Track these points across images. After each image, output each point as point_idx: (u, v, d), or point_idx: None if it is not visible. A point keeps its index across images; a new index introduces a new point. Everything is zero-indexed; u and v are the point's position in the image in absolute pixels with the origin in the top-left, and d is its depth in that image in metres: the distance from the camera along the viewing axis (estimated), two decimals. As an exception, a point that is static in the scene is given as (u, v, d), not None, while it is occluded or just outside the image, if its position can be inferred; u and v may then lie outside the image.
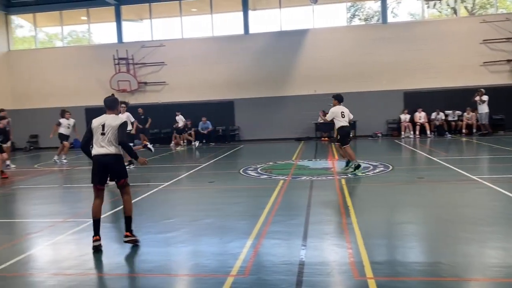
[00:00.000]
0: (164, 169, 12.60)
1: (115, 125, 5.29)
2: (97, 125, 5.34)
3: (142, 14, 22.54)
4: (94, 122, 5.40)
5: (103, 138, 5.26)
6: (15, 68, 22.63)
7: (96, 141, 5.31)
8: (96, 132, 5.31)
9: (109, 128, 5.27)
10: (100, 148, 5.26)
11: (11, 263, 4.89)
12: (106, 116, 5.44)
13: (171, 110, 21.26)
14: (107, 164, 5.29)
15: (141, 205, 7.81)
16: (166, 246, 5.37)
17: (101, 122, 5.33)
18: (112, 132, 5.27)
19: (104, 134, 5.26)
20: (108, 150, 5.25)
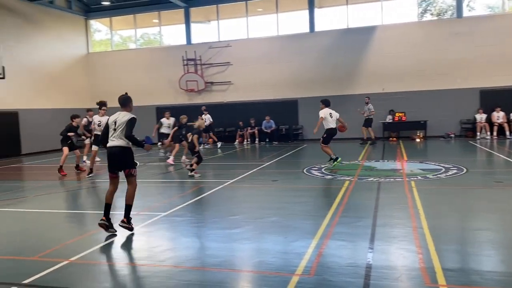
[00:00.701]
0: (228, 167, 12.86)
1: (124, 121, 5.82)
2: (112, 121, 5.94)
3: (209, 15, 23.14)
4: (110, 118, 6.01)
5: (114, 132, 5.86)
6: (93, 69, 24.22)
7: (110, 135, 5.92)
8: (110, 127, 5.94)
9: (119, 124, 5.84)
10: (111, 141, 5.88)
11: (90, 251, 5.25)
12: (119, 113, 6.01)
13: (236, 110, 21.66)
14: (116, 154, 5.85)
15: (207, 201, 8.04)
16: (232, 242, 5.48)
17: (115, 118, 5.94)
18: (122, 127, 5.82)
19: (115, 129, 5.86)
20: (117, 142, 5.82)
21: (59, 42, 22.24)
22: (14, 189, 10.57)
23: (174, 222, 6.55)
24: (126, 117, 5.90)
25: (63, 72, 22.27)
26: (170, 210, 7.16)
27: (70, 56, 23.09)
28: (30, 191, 10.39)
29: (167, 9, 22.91)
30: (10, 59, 16.82)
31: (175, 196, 8.71)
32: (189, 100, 22.70)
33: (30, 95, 19.82)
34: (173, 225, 6.42)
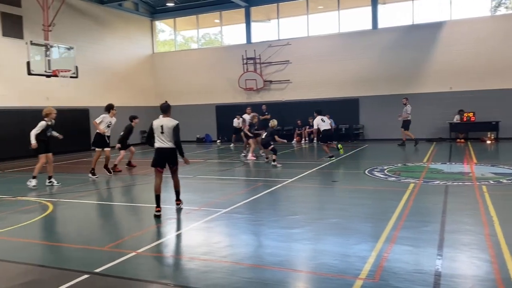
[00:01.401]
0: (286, 166, 12.80)
1: (170, 126, 6.88)
2: (157, 126, 6.92)
3: (270, 14, 23.20)
4: (154, 123, 6.98)
5: (162, 136, 6.86)
6: (157, 68, 25.16)
7: (157, 138, 6.90)
8: (156, 131, 6.90)
9: (166, 129, 6.86)
10: (161, 143, 6.89)
11: (155, 244, 5.44)
12: (162, 118, 7.00)
13: (294, 108, 21.57)
14: (166, 153, 6.91)
15: (266, 199, 8.05)
16: (292, 242, 5.43)
17: (160, 123, 6.91)
18: (168, 131, 6.84)
19: (163, 132, 6.86)
20: (167, 144, 6.89)
21: (126, 42, 23.33)
22: (84, 181, 11.22)
23: (234, 219, 6.62)
24: (172, 123, 6.90)
25: (129, 71, 23.34)
26: (230, 207, 7.25)
27: (136, 56, 24.14)
28: (99, 184, 10.97)
29: (228, 9, 23.27)
30: (82, 59, 17.88)
31: (235, 193, 8.81)
32: (248, 99, 22.91)
33: (99, 93, 20.96)
34: (233, 222, 6.49)
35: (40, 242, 5.73)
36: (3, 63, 16.64)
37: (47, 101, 17.89)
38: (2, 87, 16.71)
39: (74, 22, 19.73)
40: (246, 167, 12.80)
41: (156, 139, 6.95)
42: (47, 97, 18.02)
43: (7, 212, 7.61)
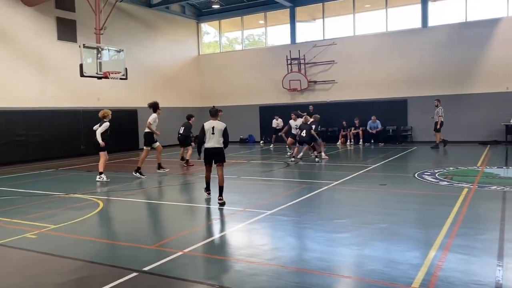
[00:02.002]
0: (332, 168, 12.58)
1: (220, 128, 7.81)
2: (209, 127, 7.83)
3: (315, 14, 22.94)
4: (206, 125, 7.88)
5: (213, 137, 7.78)
6: (203, 70, 25.53)
7: (208, 138, 7.82)
8: (208, 132, 7.81)
9: (217, 130, 7.77)
10: (211, 143, 7.82)
11: (201, 244, 5.45)
12: (213, 121, 7.90)
13: (339, 109, 21.21)
14: (214, 153, 7.86)
15: (312, 202, 7.91)
16: (339, 247, 5.28)
17: (211, 125, 7.84)
18: (218, 132, 7.77)
19: (213, 133, 7.77)
20: (216, 144, 7.82)
21: (173, 45, 23.83)
22: (133, 180, 11.51)
23: (280, 221, 6.54)
24: (221, 126, 7.86)
25: (176, 73, 23.83)
26: (275, 209, 7.18)
27: (182, 58, 24.61)
28: (147, 183, 11.22)
29: (273, 9, 23.23)
30: (131, 61, 18.42)
31: (280, 195, 8.73)
32: (292, 100, 22.77)
33: (147, 94, 21.50)
34: (279, 224, 6.41)
35: (91, 239, 5.90)
36: (57, 65, 17.44)
37: (98, 101, 18.59)
38: (56, 88, 17.52)
39: (124, 25, 20.38)
40: (290, 169, 12.68)
41: (206, 140, 7.89)
42: (98, 98, 18.71)
43: (60, 208, 7.92)
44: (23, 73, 16.32)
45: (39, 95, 16.87)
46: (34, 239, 5.91)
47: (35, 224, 6.63)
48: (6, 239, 5.86)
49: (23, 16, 16.40)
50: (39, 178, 12.30)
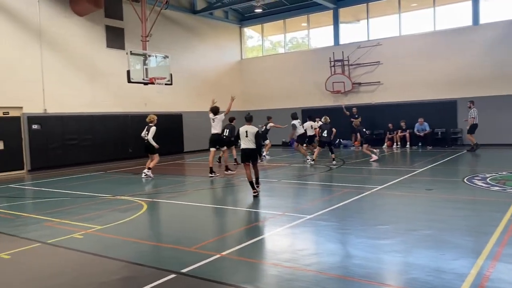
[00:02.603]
0: (376, 172, 12.26)
1: (252, 132, 8.99)
2: (243, 132, 9.07)
3: (359, 15, 22.54)
4: (241, 129, 9.17)
5: (247, 139, 8.98)
6: (245, 74, 25.73)
7: (242, 140, 9.06)
8: (242, 135, 9.06)
9: (250, 134, 8.96)
10: (245, 145, 9.04)
11: (240, 247, 5.47)
12: (246, 126, 9.12)
13: (385, 111, 20.68)
14: (249, 153, 9.04)
15: (353, 207, 7.74)
16: (380, 253, 5.12)
17: (245, 129, 9.04)
18: (251, 136, 8.95)
19: (247, 137, 8.97)
20: (251, 146, 8.99)
21: (216, 50, 24.19)
22: (177, 183, 11.77)
23: (319, 226, 6.44)
24: (254, 130, 9.03)
25: (219, 77, 24.16)
26: (315, 214, 7.08)
27: (226, 63, 24.92)
28: (190, 185, 11.44)
29: (315, 11, 23.04)
30: (176, 67, 18.88)
31: (320, 199, 8.61)
32: (335, 102, 22.45)
33: (191, 99, 21.98)
34: (318, 229, 6.32)
35: (134, 240, 6.07)
36: (106, 72, 18.18)
37: (145, 107, 19.18)
38: (105, 94, 18.25)
39: (169, 32, 20.93)
40: (332, 172, 12.49)
41: (242, 142, 9.11)
42: (145, 103, 19.30)
43: (107, 210, 8.22)
44: (75, 80, 17.14)
45: (90, 101, 17.65)
46: (81, 239, 6.17)
47: (83, 225, 6.92)
48: (56, 238, 6.15)
49: (75, 25, 17.24)
50: (89, 180, 12.85)
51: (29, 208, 9.14)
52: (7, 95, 14.97)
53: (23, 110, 15.54)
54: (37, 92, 15.92)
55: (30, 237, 6.32)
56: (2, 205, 9.27)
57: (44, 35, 16.16)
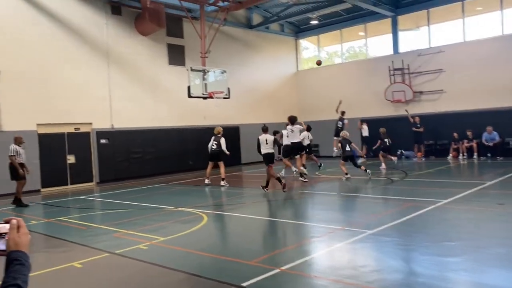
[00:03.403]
0: (441, 185, 11.70)
1: (271, 140, 11.80)
2: (263, 139, 11.76)
3: (419, 21, 21.83)
4: (261, 138, 11.82)
5: (267, 145, 11.67)
6: (301, 86, 25.71)
7: (263, 146, 11.68)
8: (262, 143, 11.71)
9: (269, 141, 11.73)
10: (266, 150, 11.66)
11: (299, 262, 5.43)
12: (264, 135, 11.87)
13: (449, 120, 19.74)
14: (269, 156, 11.60)
15: (417, 222, 7.43)
16: (447, 272, 4.88)
17: (264, 138, 11.80)
18: (270, 142, 11.73)
19: (267, 143, 11.68)
20: (270, 151, 11.69)
21: (272, 62, 24.43)
22: (235, 195, 11.95)
23: (381, 242, 6.25)
24: (271, 138, 11.92)
25: (274, 89, 24.34)
26: (377, 229, 6.88)
27: (281, 75, 25.08)
28: (249, 197, 11.56)
29: (373, 20, 22.63)
30: (233, 81, 19.27)
31: (382, 213, 8.36)
32: (395, 112, 21.78)
33: (247, 112, 22.30)
34: (380, 245, 6.13)
35: (195, 252, 6.23)
36: (168, 88, 18.95)
37: (204, 120, 19.74)
38: (167, 109, 19.00)
39: (226, 47, 21.47)
40: (393, 185, 12.09)
41: (262, 147, 11.68)
42: (204, 117, 19.86)
43: (169, 221, 8.52)
44: (139, 96, 18.03)
45: (153, 116, 18.47)
46: (145, 250, 6.44)
47: (147, 236, 7.22)
48: (123, 249, 6.46)
49: (140, 45, 18.19)
50: (152, 192, 13.39)
51: (99, 219, 9.69)
52: (78, 112, 16.05)
53: (92, 125, 16.56)
54: (105, 109, 16.92)
55: (99, 247, 6.69)
56: (75, 216, 9.90)
57: (111, 55, 17.20)
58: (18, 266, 1.40)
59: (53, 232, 8.21)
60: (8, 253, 1.43)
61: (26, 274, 1.41)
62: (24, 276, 1.39)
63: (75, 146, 16.01)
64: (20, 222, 1.49)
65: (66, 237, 7.58)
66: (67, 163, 15.75)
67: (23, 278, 1.38)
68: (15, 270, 1.39)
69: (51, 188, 15.12)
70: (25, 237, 1.49)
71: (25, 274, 1.40)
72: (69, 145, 15.86)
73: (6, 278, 1.36)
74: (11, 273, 1.37)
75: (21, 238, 1.46)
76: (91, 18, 16.63)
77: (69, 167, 15.82)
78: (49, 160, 15.17)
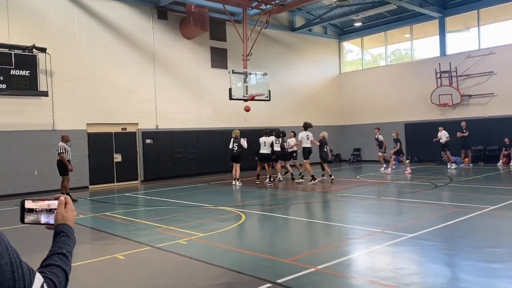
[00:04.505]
0: (489, 191, 11.21)
1: (269, 141, 14.19)
2: (262, 141, 14.17)
3: (468, 22, 21.04)
4: (261, 139, 14.25)
5: (265, 146, 14.12)
6: (344, 88, 25.41)
7: (262, 147, 14.10)
8: (262, 144, 14.14)
9: (267, 143, 14.13)
10: (263, 150, 14.26)
11: (336, 262, 5.41)
12: (264, 137, 14.26)
13: (500, 125, 18.87)
14: (266, 157, 14.36)
15: (460, 227, 7.19)
16: (490, 278, 4.70)
17: (264, 140, 14.21)
18: (268, 144, 14.13)
19: (265, 145, 14.06)
20: (268, 151, 14.26)
21: (314, 65, 24.31)
22: (273, 195, 11.98)
23: (422, 246, 6.10)
24: (270, 139, 14.32)
25: (316, 92, 24.21)
26: (418, 232, 6.71)
27: (323, 77, 24.90)
28: (286, 199, 11.57)
29: (419, 22, 22.05)
30: (275, 83, 19.39)
31: (423, 218, 8.13)
32: (442, 115, 21.08)
33: (288, 114, 22.31)
34: (421, 249, 5.98)
35: (233, 249, 6.34)
36: (210, 90, 19.31)
37: (245, 122, 19.94)
38: (209, 110, 19.37)
39: (268, 49, 21.60)
40: (438, 190, 11.72)
41: (261, 148, 14.10)
42: (245, 119, 20.06)
43: (209, 219, 8.70)
44: (183, 98, 18.50)
45: (196, 117, 18.89)
46: (185, 245, 6.62)
47: (187, 232, 7.41)
48: (164, 243, 6.68)
49: (184, 48, 18.68)
50: (194, 191, 13.69)
51: (142, 215, 10.04)
52: (125, 113, 16.69)
53: (138, 126, 17.16)
54: (151, 110, 17.49)
55: (141, 241, 6.95)
56: (120, 211, 10.31)
57: (157, 58, 17.77)
58: (64, 237, 1.53)
59: (98, 225, 8.60)
60: (55, 226, 1.57)
61: (71, 245, 1.53)
62: (69, 247, 1.52)
63: (122, 146, 16.64)
64: (67, 199, 1.63)
65: (111, 230, 7.92)
66: (114, 161, 16.41)
67: (67, 248, 1.50)
68: (62, 240, 1.52)
69: (98, 185, 15.80)
70: (71, 212, 1.61)
71: (69, 245, 1.53)
72: (116, 144, 16.52)
73: (53, 247, 1.49)
74: (58, 243, 1.50)
75: (68, 213, 1.60)
76: (139, 23, 17.27)
77: (116, 165, 16.47)
78: (97, 158, 15.87)
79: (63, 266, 1.44)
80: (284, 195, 12.60)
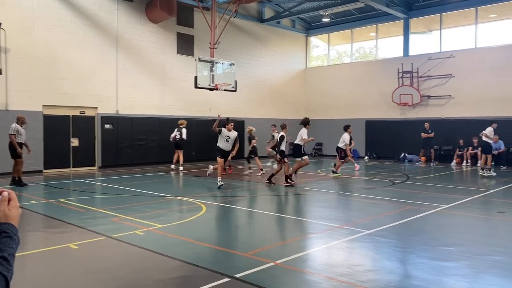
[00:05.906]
0: (443, 190, 11.64)
1: (233, 137, 11.80)
2: (226, 135, 11.63)
3: (431, 25, 21.66)
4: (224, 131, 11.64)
5: (228, 144, 11.76)
6: (309, 83, 25.62)
7: (222, 141, 11.68)
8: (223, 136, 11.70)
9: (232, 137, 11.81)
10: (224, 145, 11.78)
11: (294, 257, 5.42)
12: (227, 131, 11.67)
13: (455, 127, 19.64)
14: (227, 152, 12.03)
15: (415, 225, 7.40)
16: (442, 276, 4.84)
17: (228, 134, 11.65)
18: (232, 139, 11.80)
19: (228, 141, 11.71)
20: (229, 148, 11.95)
21: (281, 58, 24.33)
22: (235, 187, 11.93)
23: (378, 243, 6.22)
24: (234, 134, 11.76)
25: (282, 85, 24.27)
26: (375, 229, 6.85)
27: (290, 71, 24.98)
28: (249, 191, 11.53)
29: (385, 21, 22.49)
30: (242, 74, 19.26)
31: (380, 214, 8.32)
32: (401, 115, 21.68)
33: (253, 106, 22.26)
34: (377, 246, 6.10)
35: (191, 241, 6.23)
36: (175, 77, 18.93)
37: (210, 112, 19.71)
38: (173, 98, 19.00)
39: (236, 39, 21.39)
40: (395, 187, 12.04)
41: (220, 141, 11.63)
42: (210, 108, 19.83)
43: (168, 209, 8.54)
44: (146, 84, 18.03)
45: (158, 104, 18.47)
46: (142, 236, 6.44)
47: (145, 222, 7.22)
48: (120, 233, 6.48)
49: (149, 32, 18.17)
50: (153, 180, 13.41)
51: (98, 203, 9.72)
52: (84, 96, 16.07)
53: (98, 110, 16.58)
54: (111, 94, 16.94)
55: (97, 230, 6.71)
56: (75, 198, 9.93)
57: (120, 41, 17.19)
58: (5, 238, 1.38)
59: (51, 212, 8.24)
60: None
61: (13, 247, 1.39)
62: (11, 249, 1.37)
63: (80, 130, 16.05)
64: (12, 194, 1.47)
65: (65, 218, 7.60)
66: (70, 146, 15.81)
67: (9, 251, 1.36)
68: (3, 242, 1.37)
69: (53, 169, 15.20)
70: (15, 210, 1.46)
71: (12, 247, 1.38)
72: (74, 128, 15.91)
73: None
74: None
75: (11, 211, 1.44)
76: (103, 2, 16.62)
77: (72, 150, 15.88)
78: (53, 142, 15.23)
79: (3, 272, 1.29)
80: (246, 187, 12.56)
